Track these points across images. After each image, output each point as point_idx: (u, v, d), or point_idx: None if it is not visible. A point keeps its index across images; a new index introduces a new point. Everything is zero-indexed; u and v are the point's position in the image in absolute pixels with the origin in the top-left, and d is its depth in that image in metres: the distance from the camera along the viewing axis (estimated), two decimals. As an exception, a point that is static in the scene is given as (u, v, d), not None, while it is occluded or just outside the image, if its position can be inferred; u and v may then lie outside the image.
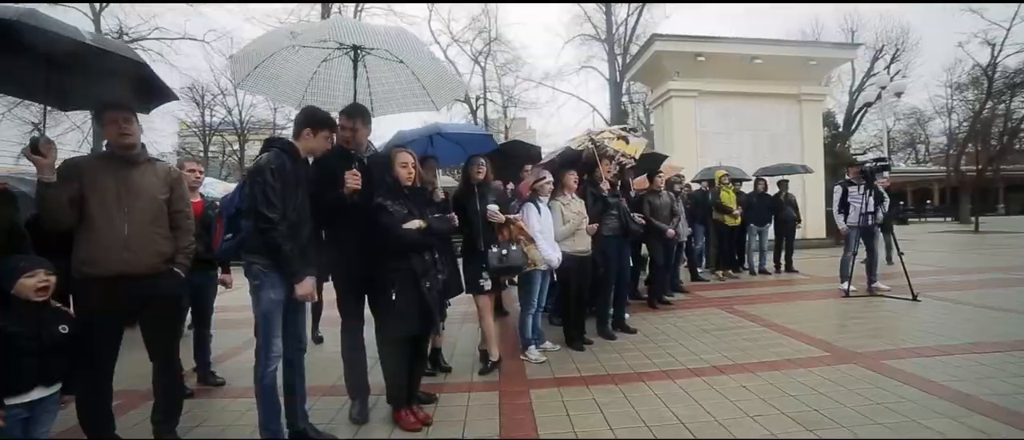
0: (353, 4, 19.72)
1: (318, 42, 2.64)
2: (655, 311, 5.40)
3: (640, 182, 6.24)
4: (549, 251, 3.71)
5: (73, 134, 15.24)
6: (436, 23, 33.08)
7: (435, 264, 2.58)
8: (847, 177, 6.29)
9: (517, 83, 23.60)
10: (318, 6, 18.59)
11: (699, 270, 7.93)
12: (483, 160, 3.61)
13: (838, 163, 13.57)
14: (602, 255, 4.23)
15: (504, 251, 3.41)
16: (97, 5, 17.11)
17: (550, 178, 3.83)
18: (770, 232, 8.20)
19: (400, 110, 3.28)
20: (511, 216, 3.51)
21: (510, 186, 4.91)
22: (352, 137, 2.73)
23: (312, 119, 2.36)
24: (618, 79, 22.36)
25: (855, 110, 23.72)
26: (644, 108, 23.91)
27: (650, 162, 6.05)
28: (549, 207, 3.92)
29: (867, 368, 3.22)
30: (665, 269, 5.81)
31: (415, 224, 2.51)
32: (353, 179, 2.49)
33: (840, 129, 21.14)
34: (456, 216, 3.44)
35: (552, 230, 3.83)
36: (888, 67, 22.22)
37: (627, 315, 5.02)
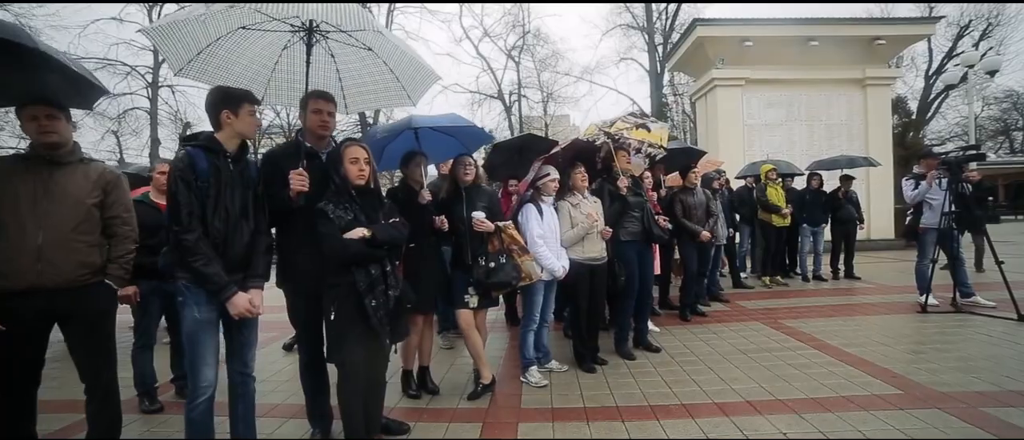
0: (387, 3, 19.87)
1: (264, 19, 2.30)
2: (686, 324, 4.77)
3: (673, 179, 5.60)
4: (551, 260, 3.23)
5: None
6: (467, 19, 33.03)
7: (385, 278, 2.18)
8: (917, 169, 5.33)
9: (555, 79, 22.98)
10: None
11: (743, 275, 7.12)
12: (471, 159, 3.19)
13: (910, 155, 11.99)
14: (621, 262, 3.70)
15: (492, 264, 2.98)
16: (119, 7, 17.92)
17: (555, 175, 3.34)
18: (827, 233, 7.24)
19: (376, 105, 2.92)
20: (501, 223, 3.06)
21: (513, 184, 4.48)
22: (328, 123, 2.40)
23: (226, 98, 2.02)
24: (659, 70, 21.21)
25: (932, 96, 21.23)
26: (689, 101, 22.59)
27: (683, 157, 5.40)
28: (555, 208, 3.44)
29: (958, 417, 2.49)
30: (699, 276, 5.15)
31: (358, 233, 2.13)
32: (297, 180, 2.14)
33: (913, 116, 18.89)
34: (446, 220, 3.08)
35: (557, 234, 3.35)
36: (977, 44, 19.63)
37: (652, 329, 4.46)
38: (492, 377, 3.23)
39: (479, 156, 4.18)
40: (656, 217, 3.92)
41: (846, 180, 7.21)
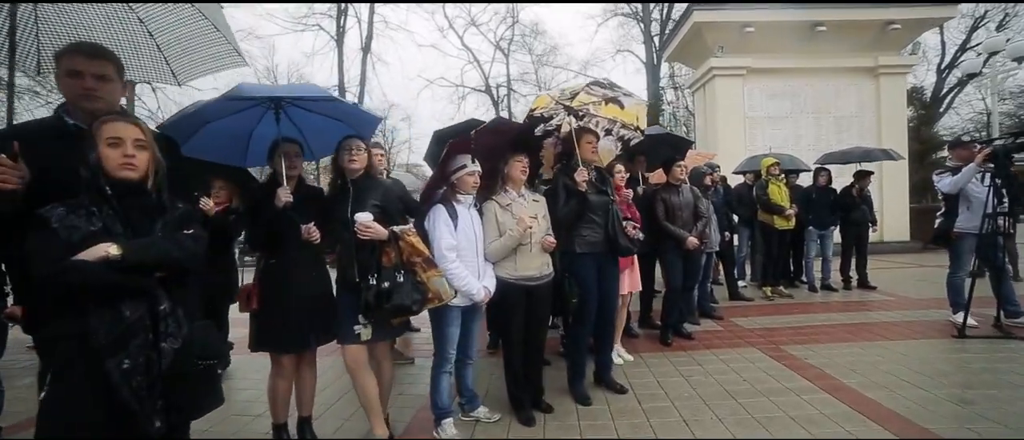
0: (367, 3, 19.08)
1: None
2: (667, 350, 3.92)
3: (657, 175, 4.74)
4: (466, 279, 2.40)
5: None
6: (452, 8, 31.60)
7: (153, 324, 1.35)
8: (950, 161, 4.45)
9: (554, 74, 22.06)
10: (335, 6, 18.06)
11: (741, 284, 6.26)
12: (361, 142, 2.36)
13: (927, 149, 11.05)
14: (575, 280, 2.87)
15: (386, 283, 2.14)
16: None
17: (472, 168, 2.50)
18: (836, 235, 6.36)
19: (210, 71, 2.11)
20: (399, 228, 2.23)
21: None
22: (93, 91, 1.59)
23: None
24: (655, 61, 20.27)
25: (944, 91, 20.17)
26: (687, 93, 21.58)
27: (668, 149, 4.54)
28: (479, 210, 2.62)
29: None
30: (685, 291, 4.29)
31: (98, 251, 1.30)
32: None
33: (928, 107, 17.82)
34: (313, 229, 2.26)
35: (478, 245, 2.52)
36: (999, 29, 18.50)
37: (621, 358, 3.62)
38: (389, 434, 2.42)
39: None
40: (624, 222, 3.06)
41: (862, 176, 6.31)
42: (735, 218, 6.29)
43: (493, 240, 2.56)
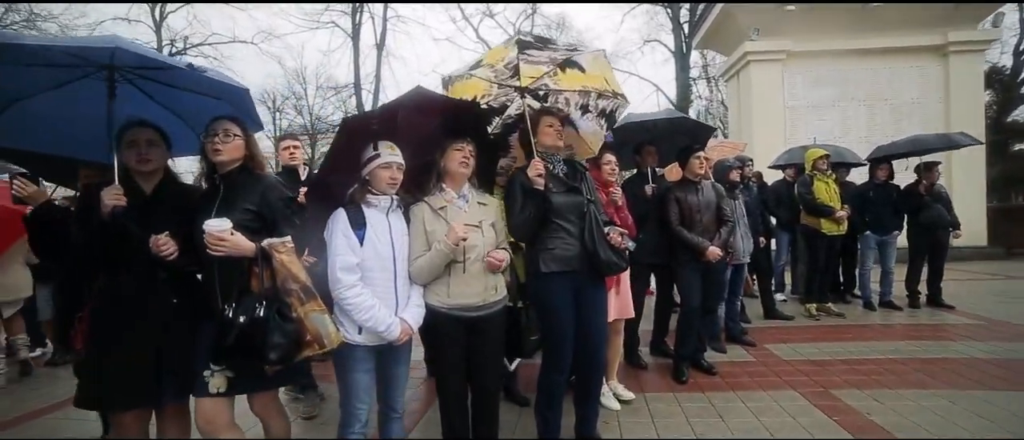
0: (382, 3, 18.80)
1: None
2: (680, 389, 3.10)
3: (672, 171, 3.92)
4: (370, 311, 1.71)
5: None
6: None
7: None
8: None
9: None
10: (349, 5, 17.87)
11: (780, 300, 5.29)
12: (231, 125, 1.73)
13: (1006, 139, 9.48)
14: (538, 309, 2.15)
15: (243, 317, 1.50)
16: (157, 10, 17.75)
17: (389, 158, 1.81)
18: (901, 241, 5.27)
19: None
20: (270, 241, 1.58)
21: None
22: None
23: None
24: (684, 50, 18.93)
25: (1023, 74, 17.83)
26: (716, 82, 20.05)
27: (685, 137, 3.71)
28: (408, 216, 1.93)
29: None
30: (705, 313, 3.44)
31: None
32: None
33: (1009, 90, 15.62)
34: (164, 241, 1.64)
35: (398, 262, 1.83)
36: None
37: (617, 399, 2.86)
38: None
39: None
40: (609, 229, 2.28)
41: (928, 169, 5.18)
42: (773, 221, 5.34)
43: (419, 255, 1.87)
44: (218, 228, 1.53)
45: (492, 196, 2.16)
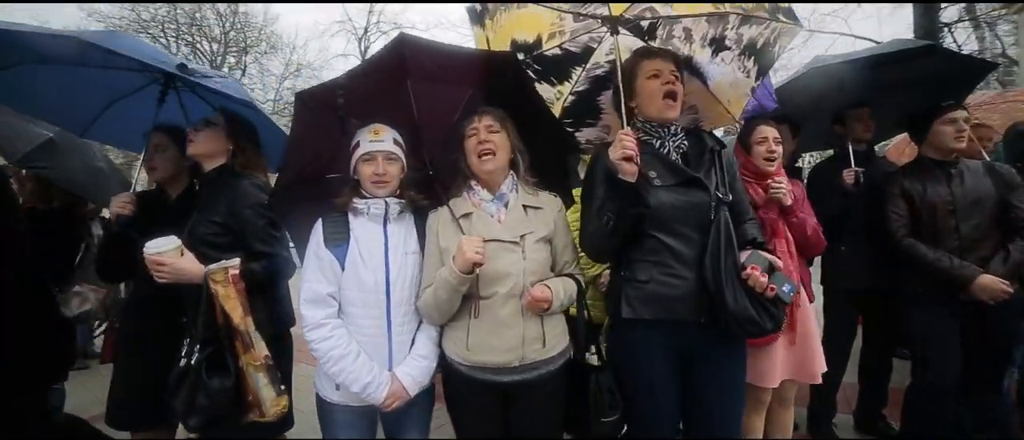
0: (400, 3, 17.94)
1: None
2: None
3: (898, 148, 2.48)
4: (342, 363, 1.23)
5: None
6: None
7: None
8: None
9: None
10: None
11: None
12: (210, 118, 1.48)
13: None
14: (616, 372, 1.36)
15: (181, 362, 1.20)
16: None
17: (381, 145, 1.32)
18: None
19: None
20: (215, 267, 1.25)
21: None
22: None
23: None
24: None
25: None
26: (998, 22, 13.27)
27: (929, 88, 2.22)
28: (430, 227, 1.41)
29: None
30: (969, 395, 1.96)
31: None
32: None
33: None
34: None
35: (396, 291, 1.31)
36: None
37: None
38: None
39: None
40: (749, 258, 1.28)
41: None
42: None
43: (428, 284, 1.31)
44: (155, 250, 1.26)
45: (554, 196, 1.46)
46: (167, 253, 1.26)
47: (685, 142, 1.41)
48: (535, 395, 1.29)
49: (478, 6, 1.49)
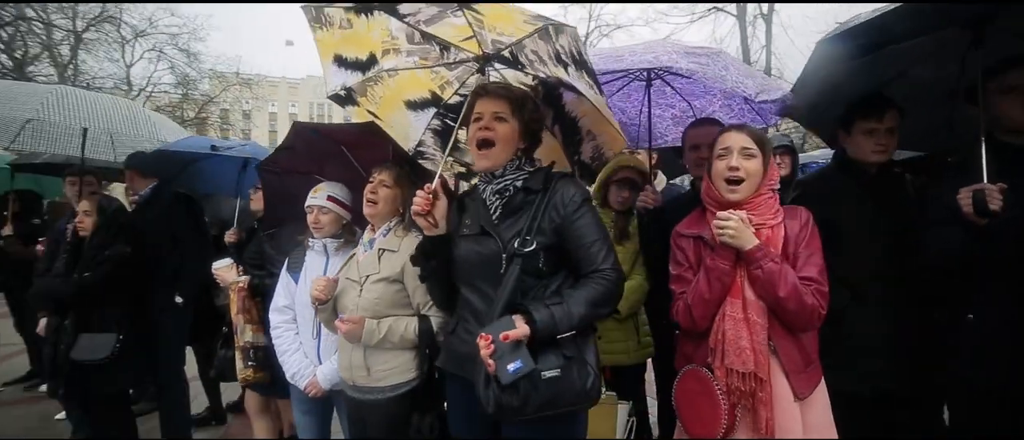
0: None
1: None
2: None
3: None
4: (284, 355, 1.86)
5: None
6: None
7: None
8: None
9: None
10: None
11: None
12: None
13: None
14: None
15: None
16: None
17: (313, 202, 1.82)
18: None
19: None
20: (233, 280, 2.08)
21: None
22: None
23: None
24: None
25: None
26: None
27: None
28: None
29: None
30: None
31: None
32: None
33: None
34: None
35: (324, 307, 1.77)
36: None
37: None
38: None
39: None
40: (498, 327, 1.13)
41: None
42: None
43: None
44: (219, 266, 2.12)
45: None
46: (222, 269, 2.10)
47: (517, 184, 1.32)
48: (371, 416, 1.60)
49: (342, 90, 1.66)
